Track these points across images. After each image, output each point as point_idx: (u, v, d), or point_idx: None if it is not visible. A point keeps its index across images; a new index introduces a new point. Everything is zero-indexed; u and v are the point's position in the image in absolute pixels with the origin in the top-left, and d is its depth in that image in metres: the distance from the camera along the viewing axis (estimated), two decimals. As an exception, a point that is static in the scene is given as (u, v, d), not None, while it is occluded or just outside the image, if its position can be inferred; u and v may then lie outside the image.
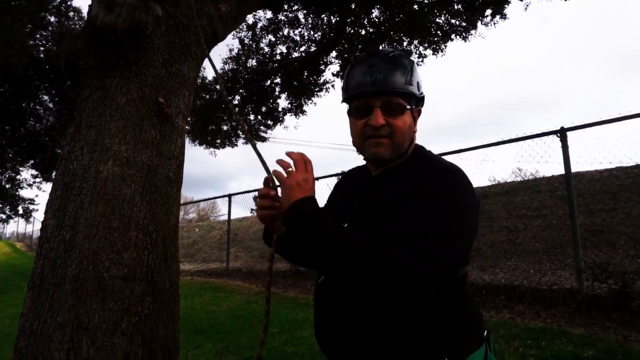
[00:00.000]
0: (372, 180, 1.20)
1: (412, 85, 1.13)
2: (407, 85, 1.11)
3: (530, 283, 4.94)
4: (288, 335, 4.59)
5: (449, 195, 0.99)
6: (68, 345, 1.65)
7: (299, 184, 1.06)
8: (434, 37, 7.59)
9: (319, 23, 8.02)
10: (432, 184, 1.01)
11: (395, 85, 1.10)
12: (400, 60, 1.14)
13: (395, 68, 1.11)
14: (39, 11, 7.77)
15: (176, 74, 2.24)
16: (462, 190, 1.02)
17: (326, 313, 1.13)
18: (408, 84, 1.12)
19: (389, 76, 1.10)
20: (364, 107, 1.13)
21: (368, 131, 1.12)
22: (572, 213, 4.67)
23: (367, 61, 1.14)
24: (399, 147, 1.14)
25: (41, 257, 1.85)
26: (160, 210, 2.00)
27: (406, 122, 1.13)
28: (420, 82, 1.18)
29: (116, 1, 1.98)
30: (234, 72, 8.43)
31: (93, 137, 1.97)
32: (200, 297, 7.47)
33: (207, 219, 27.92)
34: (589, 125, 4.58)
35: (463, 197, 1.00)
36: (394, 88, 1.10)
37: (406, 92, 1.11)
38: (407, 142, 1.15)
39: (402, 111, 1.12)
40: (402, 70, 1.12)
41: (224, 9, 2.55)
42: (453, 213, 0.96)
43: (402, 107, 1.12)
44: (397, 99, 1.11)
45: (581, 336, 3.55)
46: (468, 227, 1.00)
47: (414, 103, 1.16)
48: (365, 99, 1.12)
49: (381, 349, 0.99)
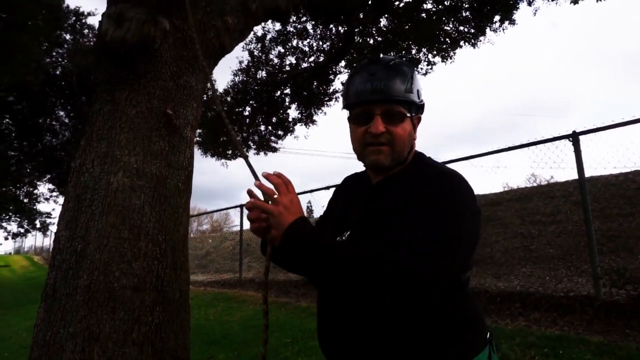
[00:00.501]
0: (373, 188, 1.20)
1: (412, 93, 1.13)
2: (407, 93, 1.12)
3: (546, 290, 4.84)
4: (301, 345, 4.56)
5: (447, 199, 0.98)
6: (80, 356, 1.68)
7: (286, 208, 1.05)
8: (443, 45, 7.60)
9: (327, 33, 8.09)
10: (430, 189, 1.01)
11: (396, 93, 1.11)
12: (400, 68, 1.14)
13: (396, 76, 1.12)
14: (55, 30, 7.99)
15: (184, 85, 2.28)
16: (461, 194, 1.01)
17: (328, 318, 1.13)
18: (408, 91, 1.12)
19: (389, 84, 1.10)
20: (365, 114, 1.13)
21: (368, 138, 1.13)
22: (587, 218, 4.58)
23: (367, 69, 1.14)
24: (399, 154, 1.14)
25: (54, 269, 1.88)
26: (169, 220, 2.02)
27: (406, 129, 1.13)
28: (421, 90, 1.18)
29: (125, 16, 2.03)
30: (244, 83, 8.53)
31: (104, 149, 2.01)
32: (214, 307, 7.48)
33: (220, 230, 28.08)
34: (601, 128, 4.51)
35: (461, 202, 1.00)
36: (395, 96, 1.10)
37: (406, 100, 1.12)
38: (407, 150, 1.16)
39: (402, 119, 1.13)
40: (402, 78, 1.12)
41: (231, 21, 2.59)
42: (451, 217, 0.96)
43: (403, 115, 1.12)
44: (398, 107, 1.12)
45: (599, 344, 3.46)
46: (467, 231, 0.99)
47: (414, 111, 1.17)
48: (365, 107, 1.13)
49: (383, 354, 0.98)
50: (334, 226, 1.23)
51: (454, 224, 0.95)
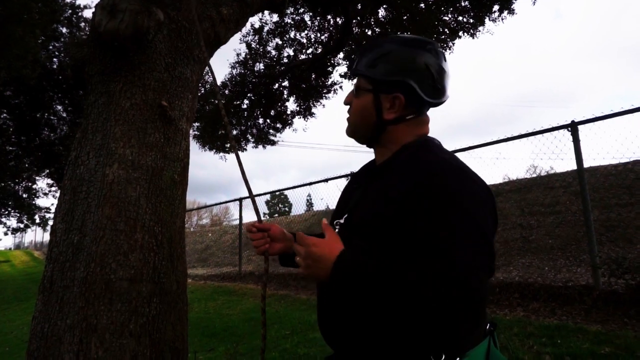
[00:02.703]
0: (373, 172, 1.20)
1: (374, 68, 1.11)
2: (368, 68, 1.13)
3: (545, 280, 4.85)
4: (300, 337, 4.59)
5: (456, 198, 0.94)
6: (77, 347, 1.68)
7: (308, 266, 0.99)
8: (441, 35, 7.54)
9: (325, 25, 8.04)
10: (435, 187, 0.95)
11: (359, 68, 1.15)
12: (378, 43, 1.17)
13: (370, 51, 1.15)
14: (51, 23, 7.92)
15: (179, 77, 2.26)
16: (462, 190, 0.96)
17: (327, 303, 1.13)
18: (370, 66, 1.12)
19: (360, 59, 1.16)
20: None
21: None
22: (585, 208, 4.58)
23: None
24: (354, 127, 1.19)
25: (51, 261, 1.88)
26: (165, 212, 2.02)
27: (362, 102, 1.15)
28: (397, 70, 1.10)
29: (118, 7, 2.01)
30: (242, 76, 8.48)
31: (99, 141, 2.00)
32: (214, 301, 7.50)
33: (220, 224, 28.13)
34: (600, 118, 4.49)
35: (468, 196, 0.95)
36: (357, 70, 1.16)
37: (364, 75, 1.14)
38: (362, 124, 1.17)
39: (359, 93, 1.16)
40: (373, 54, 1.14)
41: (226, 12, 2.57)
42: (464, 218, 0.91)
43: (360, 88, 1.15)
44: (359, 80, 1.16)
45: (598, 333, 3.48)
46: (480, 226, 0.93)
47: (384, 89, 1.11)
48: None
49: (381, 340, 0.98)
50: (337, 210, 1.25)
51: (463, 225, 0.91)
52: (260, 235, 1.32)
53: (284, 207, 39.85)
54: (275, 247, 1.37)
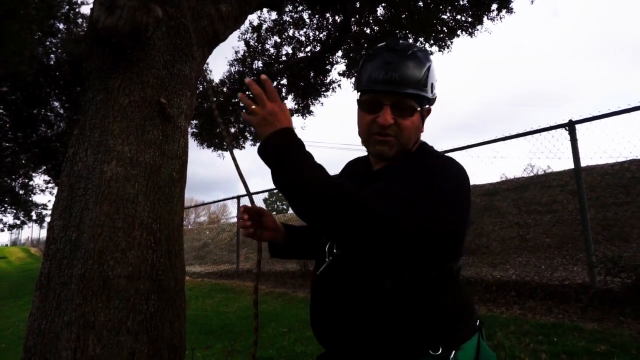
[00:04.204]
0: (373, 175, 1.19)
1: (426, 87, 1.10)
2: (421, 87, 1.09)
3: (542, 279, 4.88)
4: (297, 335, 4.60)
5: (440, 175, 0.99)
6: (75, 344, 1.67)
7: (265, 120, 1.02)
8: (440, 34, 7.54)
9: (323, 23, 8.02)
10: (424, 168, 1.02)
11: (409, 86, 1.07)
12: (417, 59, 1.10)
13: (411, 68, 1.08)
14: (47, 19, 7.88)
15: (178, 74, 2.25)
16: (456, 177, 1.01)
17: (321, 303, 1.13)
18: (422, 85, 1.09)
19: (403, 76, 1.07)
20: (374, 102, 1.11)
21: (375, 128, 1.10)
22: (582, 207, 4.60)
23: (384, 56, 1.10)
24: (405, 146, 1.13)
25: (48, 258, 1.87)
26: (163, 209, 2.01)
27: (414, 122, 1.11)
28: (435, 83, 1.15)
29: (117, 3, 2.00)
30: (240, 74, 8.46)
31: (97, 138, 2.00)
32: (211, 298, 7.51)
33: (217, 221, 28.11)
34: (597, 117, 4.51)
35: (454, 181, 1.00)
36: (407, 89, 1.07)
37: (418, 95, 1.09)
38: (412, 142, 1.14)
39: (412, 113, 1.10)
40: (418, 71, 1.08)
41: (225, 9, 2.56)
42: (441, 188, 0.96)
43: (413, 108, 1.09)
44: (409, 101, 1.09)
45: (594, 331, 3.50)
46: (455, 207, 0.98)
47: (425, 104, 1.14)
48: (376, 95, 1.10)
49: (372, 338, 0.99)
50: None
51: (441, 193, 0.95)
52: (247, 217, 1.27)
53: (281, 205, 39.87)
54: (265, 235, 1.33)
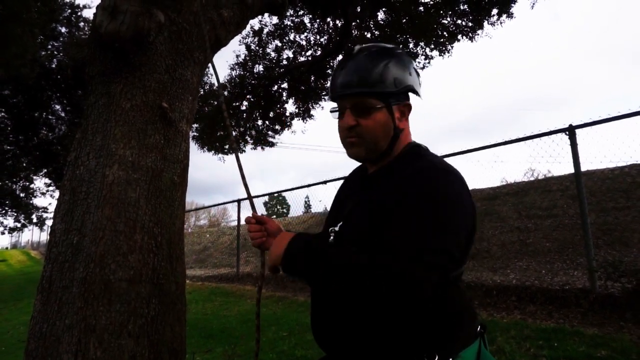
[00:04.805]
0: (367, 179, 1.21)
1: (384, 83, 1.10)
2: (377, 84, 1.09)
3: (542, 283, 4.88)
4: (298, 339, 4.59)
5: (438, 195, 0.98)
6: (76, 347, 1.68)
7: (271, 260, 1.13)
8: (440, 38, 7.57)
9: (324, 27, 8.06)
10: (421, 184, 1.00)
11: (363, 85, 1.09)
12: (371, 58, 1.11)
13: (364, 67, 1.10)
14: (50, 22, 7.92)
15: (179, 79, 2.27)
16: (453, 189, 1.00)
17: (321, 307, 1.14)
18: (379, 82, 1.09)
19: (355, 77, 1.10)
20: (341, 108, 1.15)
21: (343, 132, 1.15)
22: (582, 211, 4.60)
23: (341, 62, 1.15)
24: (373, 145, 1.13)
25: (50, 261, 1.88)
26: (165, 213, 2.02)
27: (378, 120, 1.11)
28: (402, 77, 1.13)
29: (119, 8, 2.02)
30: (241, 77, 8.50)
31: (99, 142, 2.01)
32: (211, 302, 7.49)
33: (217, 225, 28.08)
34: (597, 122, 4.52)
35: (453, 197, 0.99)
36: (361, 89, 1.09)
37: (375, 92, 1.10)
38: (383, 140, 1.13)
39: (372, 111, 1.11)
40: (373, 69, 1.09)
41: (227, 14, 2.58)
42: (443, 213, 0.95)
43: (372, 107, 1.10)
44: (367, 99, 1.10)
45: (594, 336, 3.49)
46: (460, 226, 0.98)
47: (394, 100, 1.13)
48: (339, 101, 1.15)
49: (372, 344, 0.99)
50: (331, 217, 1.25)
51: (446, 220, 0.95)
52: (258, 228, 1.32)
53: (282, 208, 39.87)
54: (270, 242, 1.34)
